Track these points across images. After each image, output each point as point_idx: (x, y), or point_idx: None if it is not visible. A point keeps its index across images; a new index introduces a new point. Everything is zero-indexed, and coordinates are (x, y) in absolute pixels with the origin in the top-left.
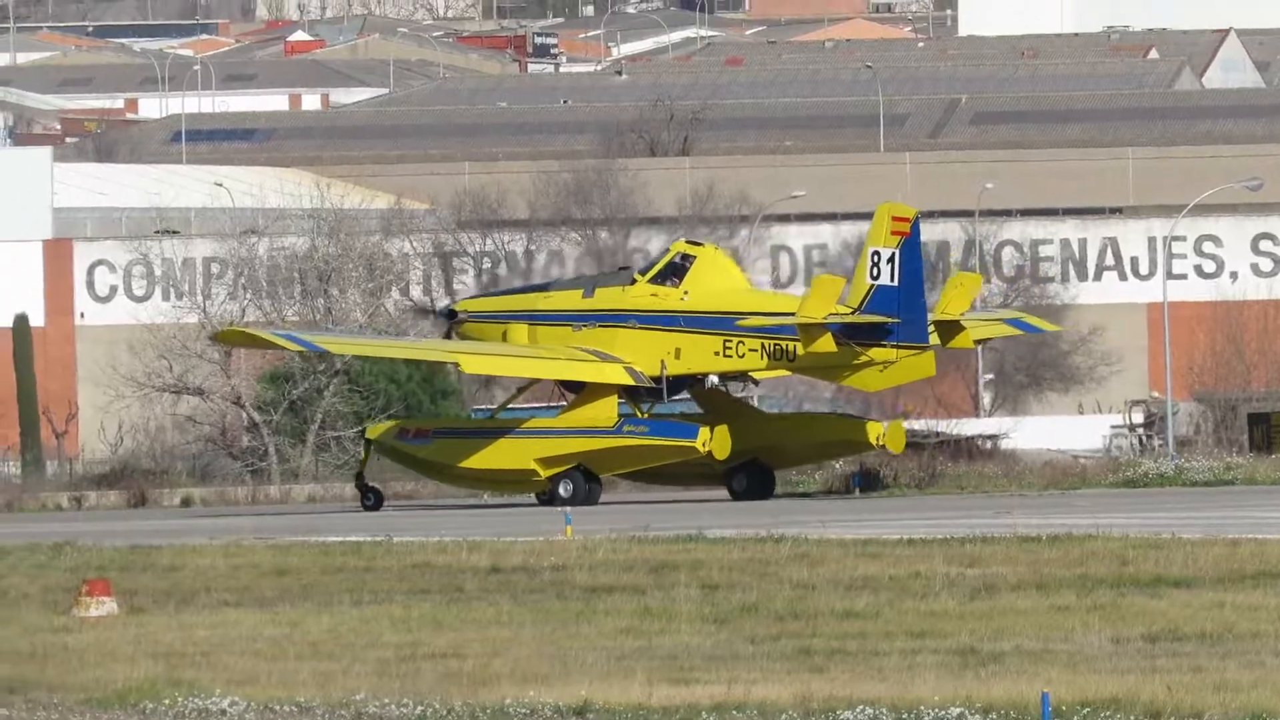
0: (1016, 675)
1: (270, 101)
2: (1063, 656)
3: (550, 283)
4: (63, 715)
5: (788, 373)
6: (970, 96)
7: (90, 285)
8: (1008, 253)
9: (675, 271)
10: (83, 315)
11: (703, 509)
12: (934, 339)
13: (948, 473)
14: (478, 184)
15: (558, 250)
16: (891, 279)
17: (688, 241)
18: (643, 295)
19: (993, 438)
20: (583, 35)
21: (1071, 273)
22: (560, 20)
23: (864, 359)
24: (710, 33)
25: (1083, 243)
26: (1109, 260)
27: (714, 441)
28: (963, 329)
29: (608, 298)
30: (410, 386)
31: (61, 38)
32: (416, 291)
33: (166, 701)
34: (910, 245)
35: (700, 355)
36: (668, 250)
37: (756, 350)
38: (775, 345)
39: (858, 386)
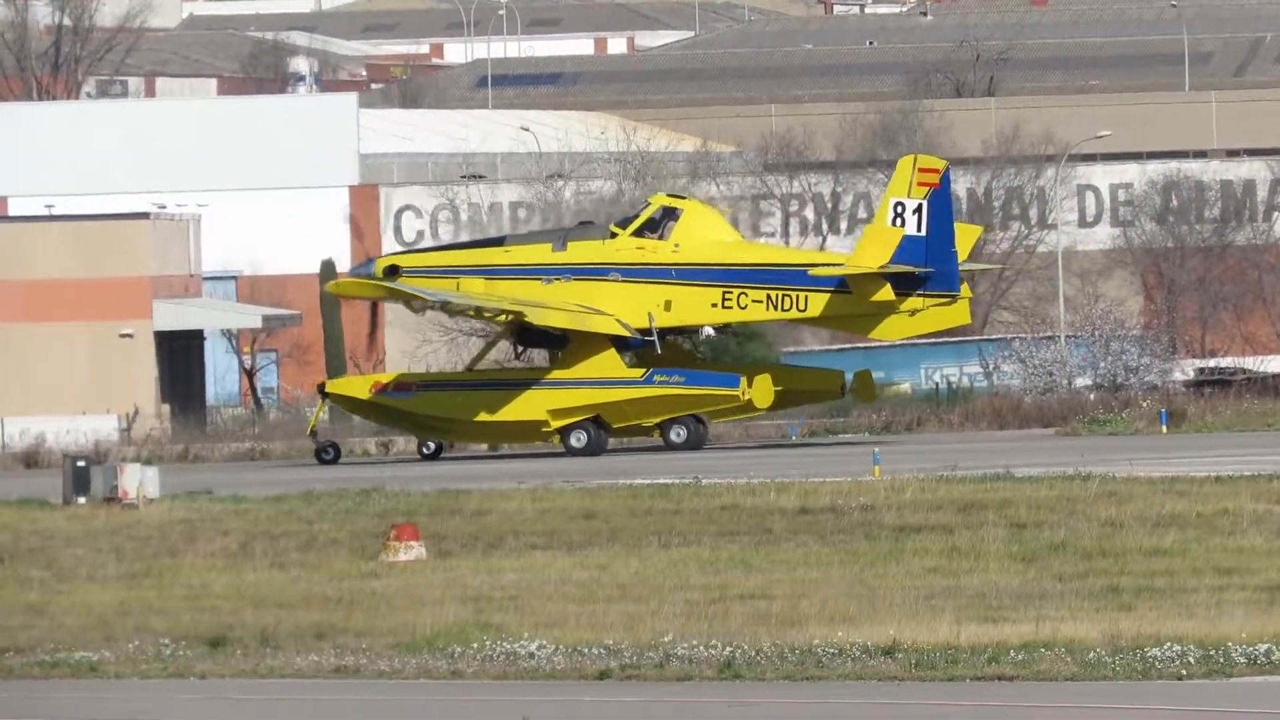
0: None
1: (576, 45)
2: None
3: (503, 237)
4: (371, 660)
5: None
6: (1275, 35)
7: (397, 230)
8: None
9: (655, 225)
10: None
11: (1012, 447)
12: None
13: (1254, 409)
14: (784, 126)
15: (864, 192)
16: (919, 229)
17: (669, 195)
18: (627, 248)
19: None
20: None
21: None
22: None
23: (904, 307)
24: None
25: None
26: None
27: (754, 390)
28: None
29: (584, 251)
30: None
31: None
32: None
33: (475, 645)
34: (939, 196)
35: (695, 307)
36: (647, 204)
37: (761, 302)
38: (784, 296)
39: (880, 337)
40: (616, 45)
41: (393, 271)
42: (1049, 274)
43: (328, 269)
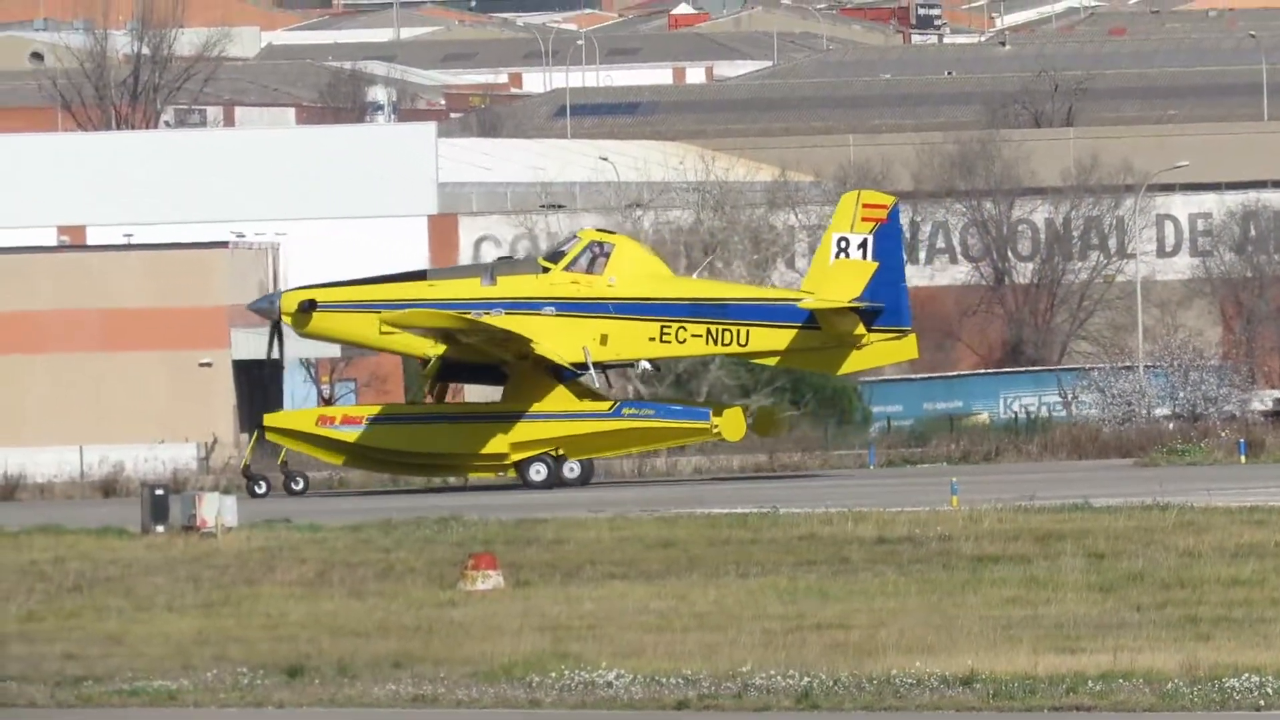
0: None
1: (654, 75)
2: None
3: (424, 271)
4: (449, 689)
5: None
6: None
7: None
8: None
9: (587, 261)
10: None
11: (1091, 477)
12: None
13: None
14: (862, 156)
15: (942, 221)
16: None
17: (598, 230)
18: (561, 283)
19: None
20: (966, 6)
21: None
22: None
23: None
24: (1093, 2)
25: None
26: None
27: (725, 423)
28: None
29: (516, 285)
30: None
31: (445, 12)
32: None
33: (552, 674)
34: (887, 231)
35: (632, 341)
36: (575, 239)
37: (700, 336)
38: (724, 330)
39: (825, 372)
40: (695, 75)
41: (310, 306)
42: (1127, 304)
43: None
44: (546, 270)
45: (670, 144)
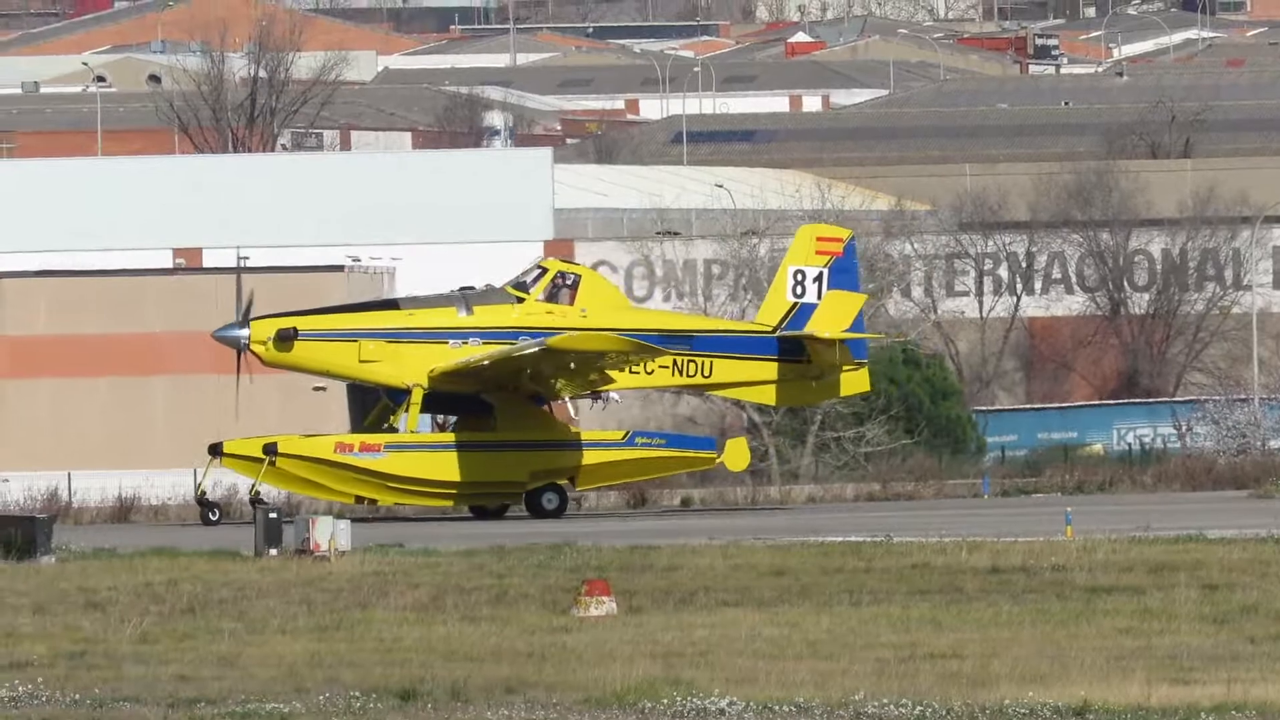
0: None
1: (771, 103)
2: None
3: (396, 300)
4: (561, 715)
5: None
6: None
7: None
8: None
9: (555, 291)
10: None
11: (1205, 509)
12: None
13: None
14: (978, 185)
15: (1058, 252)
16: (818, 297)
17: (561, 260)
18: (536, 312)
19: None
20: (1083, 36)
21: None
22: (1061, 21)
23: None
24: (1211, 34)
25: None
26: None
27: (729, 453)
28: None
29: (492, 315)
30: (911, 387)
31: (561, 38)
32: (918, 292)
33: (664, 701)
34: (842, 265)
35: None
36: (541, 270)
37: (667, 367)
38: (689, 361)
39: (782, 404)
40: (811, 103)
41: (291, 334)
42: (1243, 336)
43: None
44: (521, 300)
45: (786, 172)
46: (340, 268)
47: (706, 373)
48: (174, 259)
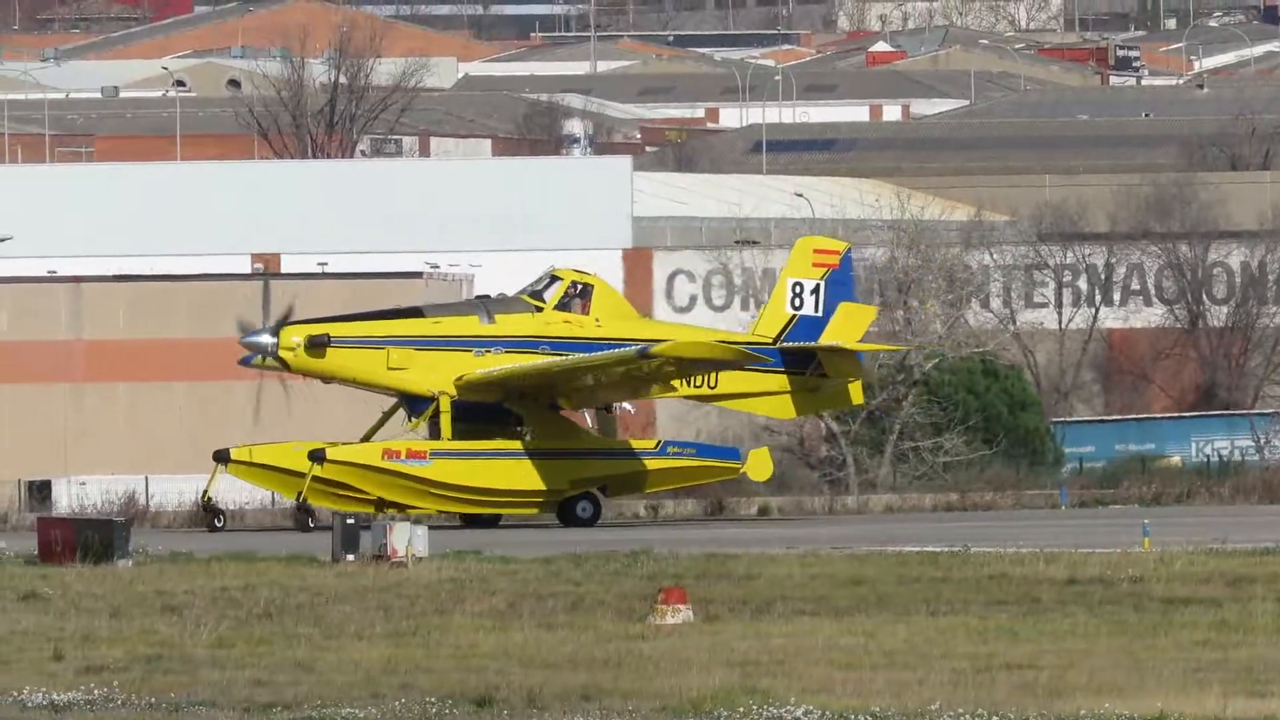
0: None
1: (851, 112)
2: None
3: (420, 307)
4: None
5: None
6: None
7: (669, 295)
8: None
9: (569, 300)
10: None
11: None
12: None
13: None
14: (1058, 197)
15: (1138, 264)
16: (815, 309)
17: (575, 270)
18: (555, 322)
19: None
20: (1164, 48)
21: None
22: (1142, 33)
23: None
24: None
25: None
26: None
27: (752, 464)
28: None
29: (513, 324)
30: (990, 398)
31: (642, 46)
32: (997, 304)
33: (741, 709)
34: (838, 278)
35: None
36: (555, 279)
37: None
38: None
39: (779, 416)
40: (891, 113)
41: (325, 341)
42: None
43: None
44: (539, 310)
45: (866, 181)
46: (418, 274)
47: (712, 384)
48: (252, 264)
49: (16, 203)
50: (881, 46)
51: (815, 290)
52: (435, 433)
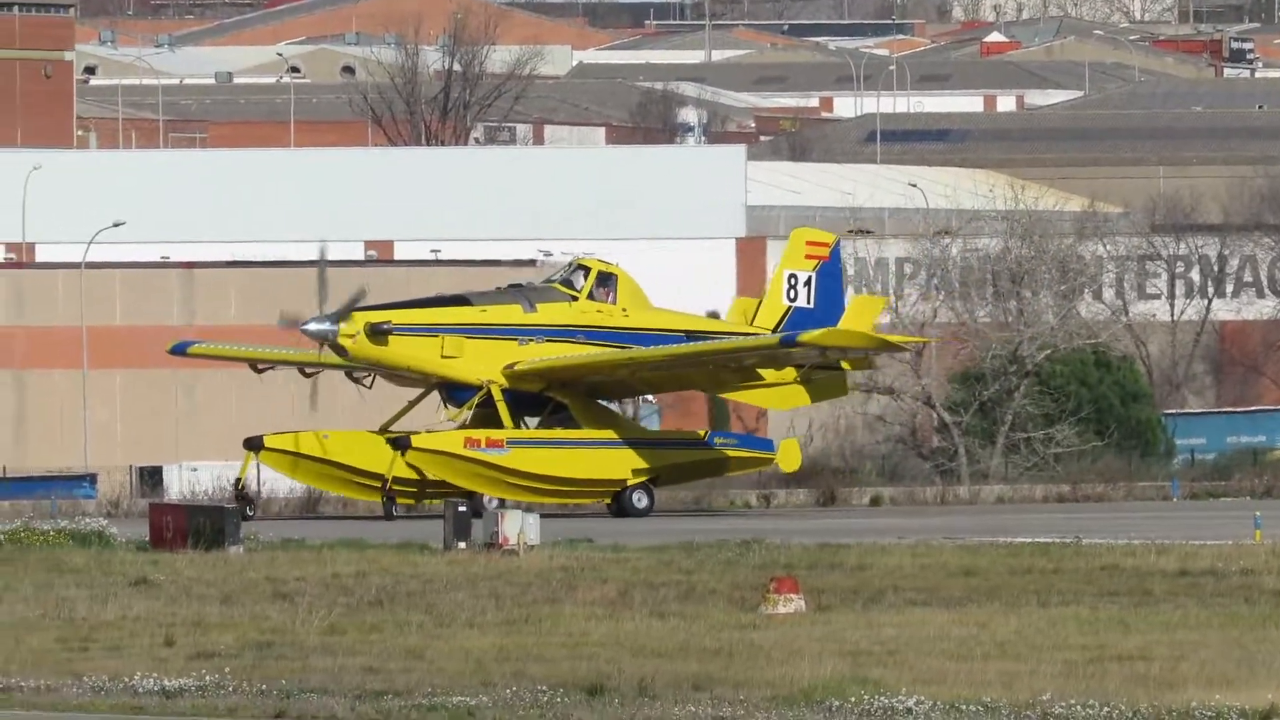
0: None
1: (965, 102)
2: None
3: (467, 295)
4: (748, 712)
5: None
6: None
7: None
8: None
9: (595, 290)
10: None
11: None
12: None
13: None
14: (1172, 188)
15: (1250, 255)
16: (808, 301)
17: (599, 259)
18: (589, 311)
19: None
20: (1278, 40)
21: None
22: (1257, 25)
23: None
24: None
25: None
26: None
27: (782, 454)
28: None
29: (553, 313)
30: (1102, 389)
31: (756, 35)
32: (1109, 295)
33: (852, 699)
34: (828, 269)
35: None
36: (584, 268)
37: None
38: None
39: (772, 407)
40: (1005, 103)
41: (385, 328)
42: None
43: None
44: (574, 299)
45: (979, 172)
46: (532, 262)
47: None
48: (365, 251)
49: (130, 188)
50: (996, 37)
51: (808, 282)
52: (482, 421)
